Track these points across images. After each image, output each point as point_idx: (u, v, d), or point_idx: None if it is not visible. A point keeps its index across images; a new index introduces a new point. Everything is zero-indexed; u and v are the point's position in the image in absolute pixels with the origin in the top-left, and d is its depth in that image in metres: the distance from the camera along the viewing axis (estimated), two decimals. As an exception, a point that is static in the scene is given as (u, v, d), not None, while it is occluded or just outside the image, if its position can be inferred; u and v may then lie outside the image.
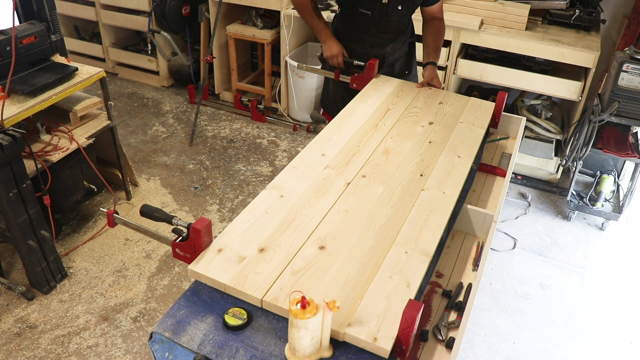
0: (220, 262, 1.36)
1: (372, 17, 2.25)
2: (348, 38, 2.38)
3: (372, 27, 2.30)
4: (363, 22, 2.29)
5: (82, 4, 4.23)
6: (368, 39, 2.35)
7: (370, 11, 2.23)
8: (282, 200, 1.60)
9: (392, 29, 2.32)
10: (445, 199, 1.66)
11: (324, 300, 1.13)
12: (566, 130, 3.24)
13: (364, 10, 2.24)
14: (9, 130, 2.11)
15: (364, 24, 2.29)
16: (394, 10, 2.24)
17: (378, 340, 1.18)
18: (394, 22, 2.30)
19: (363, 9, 2.24)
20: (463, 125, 2.08)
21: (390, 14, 2.24)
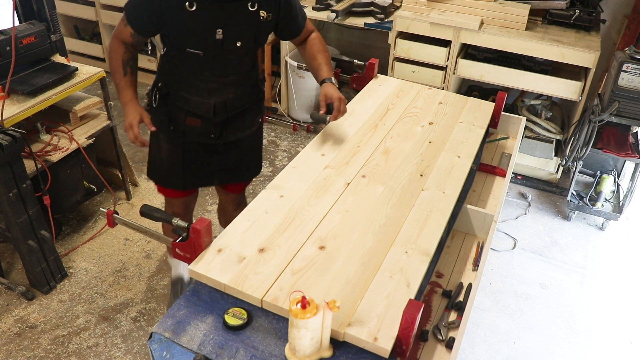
0: (220, 262, 1.36)
1: (205, 58, 1.76)
2: (179, 85, 1.87)
3: (205, 71, 1.80)
4: (194, 65, 1.79)
5: (82, 4, 4.23)
6: (203, 86, 1.84)
7: (201, 50, 1.73)
8: (282, 200, 1.60)
9: (233, 71, 1.85)
10: (445, 198, 1.66)
11: (324, 300, 1.13)
12: (566, 130, 3.24)
13: (193, 50, 1.74)
14: (9, 130, 2.11)
15: (195, 67, 1.79)
16: (232, 48, 1.76)
17: (378, 340, 1.18)
18: (234, 63, 1.83)
19: (192, 49, 1.74)
20: (463, 125, 2.08)
21: (227, 52, 1.76)
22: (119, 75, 1.84)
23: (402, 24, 3.22)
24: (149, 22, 1.71)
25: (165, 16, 1.67)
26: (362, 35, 4.03)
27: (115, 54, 1.82)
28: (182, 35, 1.71)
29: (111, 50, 1.84)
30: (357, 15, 3.50)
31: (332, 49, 3.97)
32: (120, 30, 1.78)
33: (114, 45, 1.82)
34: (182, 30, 1.69)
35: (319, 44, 1.99)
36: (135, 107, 1.83)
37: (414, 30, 3.21)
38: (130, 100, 1.84)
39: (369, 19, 3.44)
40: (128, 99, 1.84)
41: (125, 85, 1.85)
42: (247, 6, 1.71)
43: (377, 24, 3.40)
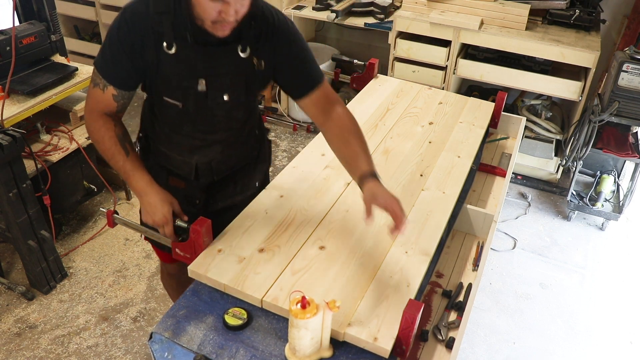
0: (220, 262, 1.36)
1: (185, 111, 1.43)
2: (158, 138, 1.57)
3: (186, 125, 1.48)
4: (173, 117, 1.47)
5: (82, 4, 4.23)
6: (184, 142, 1.52)
7: (180, 102, 1.41)
8: (282, 200, 1.60)
9: (220, 127, 1.51)
10: (445, 198, 1.66)
11: (324, 300, 1.13)
12: (566, 130, 3.24)
13: (171, 100, 1.42)
14: (9, 130, 2.11)
15: (174, 119, 1.48)
16: (218, 103, 1.43)
17: (378, 340, 1.18)
18: (221, 119, 1.49)
19: (170, 98, 1.42)
20: (463, 125, 2.08)
21: (212, 107, 1.44)
22: (119, 157, 1.43)
23: (402, 24, 3.22)
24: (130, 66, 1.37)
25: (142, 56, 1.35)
26: (362, 35, 4.03)
27: (102, 134, 1.42)
28: (158, 81, 1.40)
29: (94, 130, 1.43)
30: (357, 15, 3.50)
31: (332, 49, 3.97)
32: (97, 98, 1.40)
33: (97, 124, 1.42)
34: (158, 75, 1.38)
35: (349, 123, 1.46)
36: (159, 194, 1.43)
37: (414, 30, 3.21)
38: (148, 184, 1.43)
39: (369, 19, 3.44)
40: (144, 183, 1.43)
41: (134, 167, 1.43)
42: (236, 51, 1.37)
43: (377, 24, 3.40)
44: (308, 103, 1.47)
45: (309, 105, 1.48)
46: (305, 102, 1.47)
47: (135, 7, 1.34)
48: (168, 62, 1.35)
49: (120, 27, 1.34)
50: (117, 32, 1.34)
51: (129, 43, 1.33)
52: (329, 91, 1.49)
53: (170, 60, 1.35)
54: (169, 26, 1.32)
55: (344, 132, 1.44)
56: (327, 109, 1.47)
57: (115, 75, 1.38)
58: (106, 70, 1.38)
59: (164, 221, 1.42)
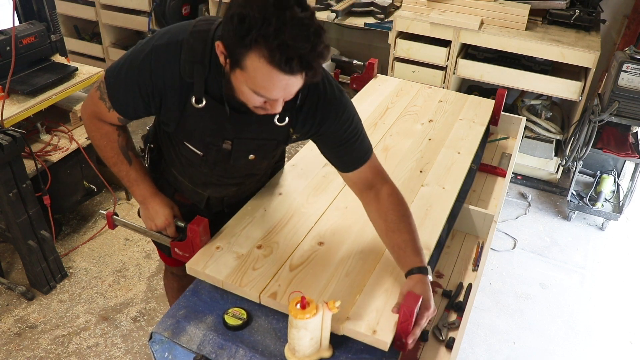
0: (218, 258, 1.36)
1: (206, 160, 1.38)
2: (171, 161, 1.51)
3: (204, 168, 1.43)
4: (191, 158, 1.40)
5: (82, 4, 4.23)
6: (198, 178, 1.49)
7: (201, 152, 1.35)
8: (281, 198, 1.60)
9: (240, 175, 1.49)
10: (445, 194, 1.67)
11: (323, 301, 1.13)
12: (566, 130, 3.24)
13: (192, 147, 1.35)
14: (9, 130, 2.11)
15: (192, 160, 1.41)
16: (242, 161, 1.38)
17: (377, 333, 1.18)
18: (243, 170, 1.46)
19: (190, 145, 1.35)
20: (463, 122, 2.08)
21: (235, 163, 1.38)
22: (122, 166, 1.41)
23: (402, 24, 3.22)
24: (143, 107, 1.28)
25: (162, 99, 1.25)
26: (362, 35, 4.03)
27: (104, 143, 1.39)
28: (179, 128, 1.31)
29: (95, 137, 1.39)
30: (357, 15, 3.50)
31: (332, 49, 3.97)
32: (101, 111, 1.33)
33: (99, 133, 1.38)
34: (180, 124, 1.30)
35: (397, 206, 1.32)
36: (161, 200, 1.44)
37: (414, 30, 3.21)
38: (150, 194, 1.44)
39: (369, 19, 3.44)
40: (147, 192, 1.44)
41: (138, 177, 1.43)
42: (273, 120, 1.26)
43: (377, 24, 3.40)
44: (351, 178, 1.37)
45: (351, 181, 1.38)
46: (348, 177, 1.37)
47: (165, 50, 1.20)
48: (193, 116, 1.25)
49: (143, 67, 1.21)
50: (139, 71, 1.22)
51: (148, 87, 1.23)
52: (375, 169, 1.36)
53: (196, 113, 1.25)
54: (201, 79, 1.20)
55: (393, 217, 1.30)
56: (372, 187, 1.35)
57: (124, 107, 1.30)
58: (115, 97, 1.29)
59: (166, 224, 1.43)
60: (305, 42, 1.00)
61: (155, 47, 1.21)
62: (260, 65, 1.02)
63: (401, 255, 1.27)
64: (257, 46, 1.00)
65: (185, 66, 1.19)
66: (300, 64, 1.02)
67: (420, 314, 1.18)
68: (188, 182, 1.52)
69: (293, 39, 0.99)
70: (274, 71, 1.02)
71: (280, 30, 0.98)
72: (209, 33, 1.18)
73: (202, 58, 1.18)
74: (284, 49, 0.99)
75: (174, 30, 1.23)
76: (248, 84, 1.08)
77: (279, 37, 0.98)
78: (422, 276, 1.23)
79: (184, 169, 1.49)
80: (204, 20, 1.22)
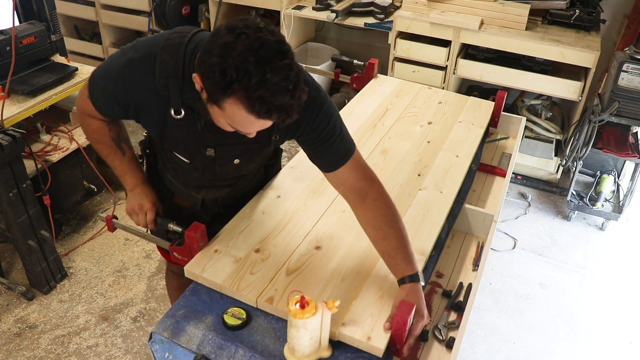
0: (216, 262, 1.36)
1: (194, 166, 1.40)
2: (164, 166, 1.53)
3: (194, 173, 1.44)
4: (181, 164, 1.42)
5: (82, 4, 4.23)
6: (190, 181, 1.50)
7: (188, 159, 1.38)
8: (279, 200, 1.60)
9: (230, 178, 1.50)
10: (443, 198, 1.66)
11: (323, 301, 1.13)
12: (566, 130, 3.24)
13: (178, 155, 1.38)
14: (9, 130, 2.11)
15: (182, 166, 1.43)
16: (228, 165, 1.40)
17: (372, 340, 1.18)
18: (232, 173, 1.47)
19: (177, 153, 1.38)
20: (462, 124, 2.08)
21: (221, 168, 1.41)
22: (116, 157, 1.46)
23: (402, 24, 3.22)
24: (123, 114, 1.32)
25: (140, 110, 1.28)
26: (362, 35, 4.03)
27: (97, 137, 1.44)
28: (163, 137, 1.33)
29: (87, 131, 1.44)
30: (357, 15, 3.50)
31: (332, 49, 3.97)
32: (90, 109, 1.36)
33: (93, 125, 1.42)
34: (164, 134, 1.32)
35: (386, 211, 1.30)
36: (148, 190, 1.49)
37: (414, 30, 3.21)
38: (139, 182, 1.48)
39: (369, 19, 3.44)
40: (137, 180, 1.48)
41: (130, 167, 1.48)
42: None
43: (377, 24, 3.40)
44: (334, 179, 1.34)
45: (335, 182, 1.35)
46: (331, 177, 1.34)
47: (139, 64, 1.21)
48: (175, 126, 1.27)
49: (119, 80, 1.24)
50: (115, 83, 1.25)
51: (124, 99, 1.26)
52: (358, 169, 1.32)
53: (177, 124, 1.27)
54: (177, 92, 1.21)
55: (381, 223, 1.28)
56: (358, 189, 1.32)
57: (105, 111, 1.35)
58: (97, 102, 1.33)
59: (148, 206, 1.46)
60: (285, 94, 1.01)
61: (131, 60, 1.22)
62: (239, 110, 1.04)
63: (392, 263, 1.28)
64: (237, 95, 1.01)
65: (159, 80, 1.20)
66: (278, 113, 1.04)
67: (414, 324, 1.19)
68: (182, 186, 1.54)
69: (272, 94, 1.00)
70: (251, 117, 1.04)
71: (261, 84, 0.99)
72: (181, 47, 1.19)
73: (175, 72, 1.19)
74: (263, 102, 1.01)
75: (148, 44, 1.23)
76: (225, 119, 1.10)
77: (259, 90, 0.99)
78: (414, 285, 1.23)
79: (176, 173, 1.51)
80: (177, 33, 1.22)
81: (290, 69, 1.02)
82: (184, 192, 1.55)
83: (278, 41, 1.02)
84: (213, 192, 1.54)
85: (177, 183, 1.54)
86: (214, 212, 1.60)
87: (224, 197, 1.57)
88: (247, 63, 0.98)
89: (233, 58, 0.99)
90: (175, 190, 1.57)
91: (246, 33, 1.00)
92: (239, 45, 0.99)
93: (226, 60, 0.99)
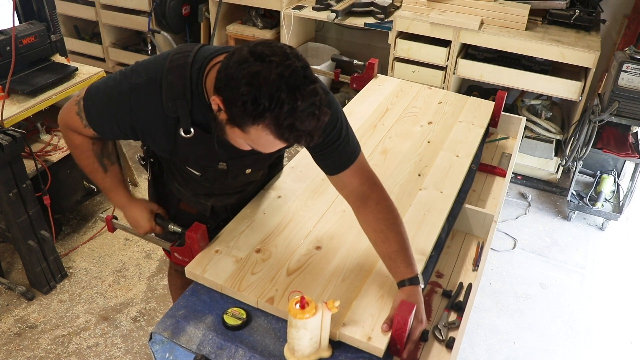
0: (217, 262, 1.37)
1: (205, 178, 1.44)
2: (172, 174, 1.54)
3: (205, 183, 1.47)
4: (191, 175, 1.45)
5: (82, 4, 4.23)
6: (200, 189, 1.52)
7: (199, 173, 1.41)
8: (279, 200, 1.60)
9: (240, 184, 1.54)
10: (443, 198, 1.66)
11: (323, 301, 1.13)
12: (566, 130, 3.24)
13: (189, 169, 1.42)
14: (9, 130, 2.11)
15: (192, 177, 1.46)
16: (240, 176, 1.45)
17: (372, 340, 1.18)
18: (242, 182, 1.52)
19: (188, 167, 1.42)
20: (462, 124, 2.08)
21: (235, 177, 1.44)
22: (98, 174, 1.45)
23: (402, 24, 3.22)
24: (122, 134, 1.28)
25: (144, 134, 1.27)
26: (362, 35, 4.03)
27: (80, 151, 1.40)
28: (174, 156, 1.33)
29: (70, 146, 1.41)
30: (357, 15, 3.50)
31: (332, 49, 3.97)
32: (78, 126, 1.32)
33: (75, 141, 1.38)
34: (174, 153, 1.31)
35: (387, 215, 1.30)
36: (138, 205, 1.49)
37: (414, 30, 3.21)
38: (127, 200, 1.49)
39: (369, 19, 3.44)
40: (124, 199, 1.49)
41: (113, 184, 1.47)
42: None
43: (377, 24, 3.40)
44: (338, 182, 1.34)
45: (338, 185, 1.35)
46: (335, 180, 1.34)
47: (145, 90, 1.19)
48: (185, 144, 1.26)
49: (122, 105, 1.21)
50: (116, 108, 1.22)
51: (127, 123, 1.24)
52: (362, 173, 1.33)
53: (187, 142, 1.25)
54: (186, 113, 1.19)
55: (382, 226, 1.29)
56: (360, 193, 1.32)
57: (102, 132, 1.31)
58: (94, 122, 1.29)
59: (149, 228, 1.50)
60: (312, 120, 1.02)
61: (135, 86, 1.20)
62: (265, 135, 1.04)
63: (392, 266, 1.28)
64: (266, 122, 1.01)
65: (167, 104, 1.19)
66: (305, 137, 1.05)
67: (413, 329, 1.20)
68: (191, 194, 1.54)
69: (302, 121, 1.01)
70: (277, 141, 1.06)
71: (291, 112, 0.99)
72: (187, 67, 1.17)
73: (183, 93, 1.18)
74: (292, 129, 1.01)
75: (151, 67, 1.21)
76: (246, 140, 1.10)
77: (289, 118, 1.00)
78: (414, 287, 1.24)
79: (185, 183, 1.51)
80: (179, 53, 1.21)
81: (317, 94, 1.02)
82: (192, 199, 1.55)
83: (304, 66, 1.03)
84: (223, 199, 1.55)
85: (185, 192, 1.54)
86: (222, 217, 1.60)
87: (233, 204, 1.59)
88: (280, 92, 0.98)
89: (265, 87, 0.98)
90: (182, 198, 1.57)
91: (275, 61, 1.00)
92: (270, 74, 0.98)
93: (259, 89, 0.98)
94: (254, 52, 1.02)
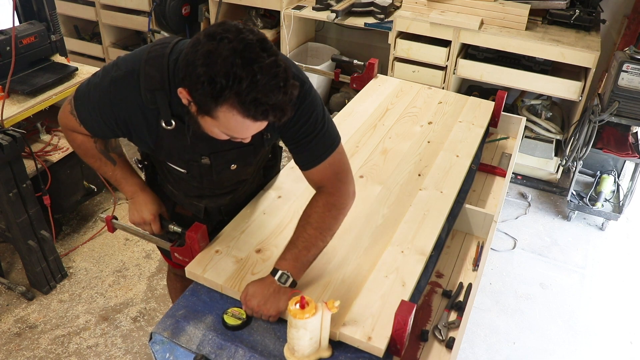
0: (217, 262, 1.37)
1: (191, 176, 1.40)
2: (164, 178, 1.53)
3: (193, 182, 1.45)
4: (179, 174, 1.43)
5: (82, 4, 4.23)
6: (191, 191, 1.51)
7: (184, 169, 1.38)
8: (280, 201, 1.60)
9: (229, 183, 1.50)
10: (443, 198, 1.66)
11: (323, 301, 1.13)
12: (566, 130, 3.24)
13: (174, 167, 1.39)
14: (9, 130, 2.11)
15: (180, 176, 1.44)
16: (225, 171, 1.40)
17: (372, 340, 1.18)
18: (231, 179, 1.47)
19: (173, 164, 1.39)
20: (462, 124, 2.08)
21: (219, 175, 1.40)
22: (107, 168, 1.43)
23: (402, 24, 3.22)
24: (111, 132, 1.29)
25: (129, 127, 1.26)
26: (362, 35, 4.03)
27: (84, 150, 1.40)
28: (157, 150, 1.33)
29: (74, 146, 1.41)
30: (357, 15, 3.50)
31: (332, 49, 3.97)
32: (74, 124, 1.33)
33: (77, 140, 1.38)
34: (157, 146, 1.31)
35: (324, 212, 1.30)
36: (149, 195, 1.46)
37: (414, 30, 3.21)
38: (139, 188, 1.45)
39: (369, 19, 3.44)
40: (136, 187, 1.45)
41: (124, 174, 1.45)
42: None
43: (377, 24, 3.40)
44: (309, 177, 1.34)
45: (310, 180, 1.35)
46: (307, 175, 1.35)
47: (123, 81, 1.19)
48: (167, 137, 1.26)
49: (103, 100, 1.22)
50: (99, 104, 1.23)
51: (111, 118, 1.24)
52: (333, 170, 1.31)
53: (169, 135, 1.25)
54: (165, 104, 1.19)
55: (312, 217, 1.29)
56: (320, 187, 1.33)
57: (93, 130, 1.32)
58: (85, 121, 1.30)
59: (151, 218, 1.45)
60: (277, 92, 1.00)
61: (114, 79, 1.20)
62: (234, 117, 1.02)
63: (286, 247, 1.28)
64: (229, 101, 0.99)
65: (146, 95, 1.18)
66: (273, 112, 1.02)
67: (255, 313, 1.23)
68: (183, 196, 1.53)
69: (265, 94, 0.99)
70: (247, 121, 1.03)
71: (252, 87, 0.97)
72: (164, 58, 1.17)
73: (161, 84, 1.17)
74: (257, 104, 0.99)
75: (129, 59, 1.21)
76: (219, 128, 1.09)
77: (251, 93, 0.98)
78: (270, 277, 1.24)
79: (176, 183, 1.51)
80: (158, 44, 1.21)
81: (277, 65, 1.00)
82: (185, 201, 1.54)
83: (260, 39, 1.01)
84: (215, 200, 1.53)
85: (178, 193, 1.53)
86: (217, 219, 1.60)
87: (226, 204, 1.57)
88: (234, 67, 0.96)
89: (219, 64, 0.97)
90: (176, 200, 1.57)
91: (227, 37, 0.98)
92: (223, 50, 0.97)
93: (212, 68, 0.97)
94: (207, 33, 1.01)
